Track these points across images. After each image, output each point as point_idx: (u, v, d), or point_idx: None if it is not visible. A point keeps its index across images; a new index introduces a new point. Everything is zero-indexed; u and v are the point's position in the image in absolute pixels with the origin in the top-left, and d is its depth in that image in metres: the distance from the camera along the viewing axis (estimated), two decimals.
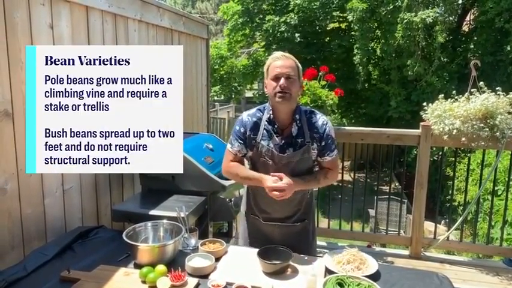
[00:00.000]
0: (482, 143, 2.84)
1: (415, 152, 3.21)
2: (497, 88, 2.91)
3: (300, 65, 1.86)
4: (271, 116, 1.86)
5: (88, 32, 2.50)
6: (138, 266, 1.66)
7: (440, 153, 4.49)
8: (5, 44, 1.90)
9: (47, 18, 2.16)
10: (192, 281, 1.56)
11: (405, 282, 1.61)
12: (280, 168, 1.82)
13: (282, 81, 1.77)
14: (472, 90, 2.97)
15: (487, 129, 2.82)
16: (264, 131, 1.86)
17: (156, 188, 2.60)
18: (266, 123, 1.87)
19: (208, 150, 2.81)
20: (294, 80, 1.80)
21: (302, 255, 1.79)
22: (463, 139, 2.89)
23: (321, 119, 1.89)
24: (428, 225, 5.22)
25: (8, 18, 1.91)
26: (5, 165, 1.93)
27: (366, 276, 1.56)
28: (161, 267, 1.58)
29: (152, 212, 2.25)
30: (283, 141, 1.84)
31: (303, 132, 1.85)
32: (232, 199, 2.66)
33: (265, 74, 1.89)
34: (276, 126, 1.86)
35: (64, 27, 2.29)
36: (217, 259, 1.74)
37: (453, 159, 4.40)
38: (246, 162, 2.01)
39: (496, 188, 4.33)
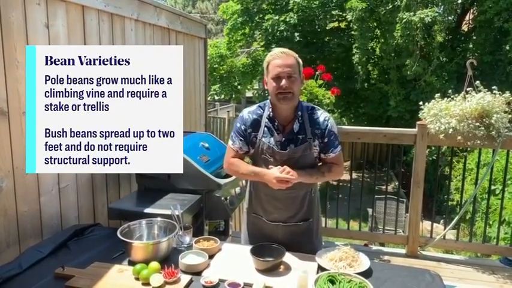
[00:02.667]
0: (478, 142, 2.85)
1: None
2: (493, 87, 2.92)
3: (300, 61, 1.83)
4: (271, 113, 1.86)
5: (84, 32, 2.50)
6: (133, 263, 1.67)
7: (438, 153, 4.51)
8: (0, 43, 1.91)
9: (42, 17, 2.17)
10: (185, 278, 1.57)
11: (397, 279, 1.62)
12: (282, 165, 1.82)
13: (284, 81, 1.75)
14: (468, 89, 2.98)
15: (483, 128, 2.83)
16: (265, 128, 1.85)
17: (152, 186, 2.62)
18: (267, 120, 1.86)
19: (204, 149, 2.82)
20: (296, 79, 1.78)
21: (295, 253, 1.79)
22: (459, 138, 2.89)
23: (322, 115, 1.88)
24: (427, 225, 5.22)
25: (4, 17, 1.92)
26: (1, 163, 1.94)
27: (358, 273, 1.58)
28: (154, 264, 1.60)
29: (147, 210, 2.26)
30: (284, 138, 1.84)
31: (304, 128, 1.84)
32: (228, 197, 2.67)
33: (265, 70, 1.84)
34: (276, 123, 1.85)
35: (60, 26, 2.30)
36: (211, 256, 1.75)
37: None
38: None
39: (493, 187, 4.34)
